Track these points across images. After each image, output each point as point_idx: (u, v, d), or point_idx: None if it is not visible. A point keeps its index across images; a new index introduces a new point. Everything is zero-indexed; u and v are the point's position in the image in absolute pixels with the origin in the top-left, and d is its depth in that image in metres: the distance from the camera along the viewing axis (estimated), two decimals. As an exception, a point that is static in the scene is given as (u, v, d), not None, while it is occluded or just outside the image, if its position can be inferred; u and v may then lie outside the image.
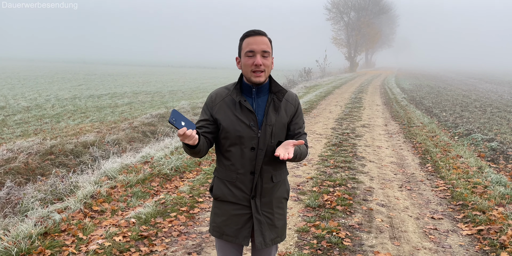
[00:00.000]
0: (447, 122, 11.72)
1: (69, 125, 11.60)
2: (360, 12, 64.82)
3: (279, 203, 2.15)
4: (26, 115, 13.06)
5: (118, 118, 12.91)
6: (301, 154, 2.04)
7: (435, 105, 16.31)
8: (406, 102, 16.89)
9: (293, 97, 2.15)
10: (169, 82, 31.33)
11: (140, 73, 43.53)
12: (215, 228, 2.13)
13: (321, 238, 3.72)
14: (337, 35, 65.36)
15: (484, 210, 4.48)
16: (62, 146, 8.67)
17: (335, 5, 63.23)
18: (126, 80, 32.18)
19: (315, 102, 15.47)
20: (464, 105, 16.36)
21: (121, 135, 10.38)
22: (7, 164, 7.33)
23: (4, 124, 11.49)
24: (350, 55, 63.49)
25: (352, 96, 18.74)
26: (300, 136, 2.12)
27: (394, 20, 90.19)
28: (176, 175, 5.61)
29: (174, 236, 3.75)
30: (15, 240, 3.40)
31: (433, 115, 13.39)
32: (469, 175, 5.87)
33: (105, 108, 15.41)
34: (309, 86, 24.70)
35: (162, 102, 17.56)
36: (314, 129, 9.69)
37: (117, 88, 24.23)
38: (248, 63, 1.95)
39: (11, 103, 15.84)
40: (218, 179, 2.11)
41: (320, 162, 6.57)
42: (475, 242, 3.80)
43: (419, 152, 7.51)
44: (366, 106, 14.97)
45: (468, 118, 12.62)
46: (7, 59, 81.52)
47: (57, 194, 5.13)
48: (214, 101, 2.05)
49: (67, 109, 14.70)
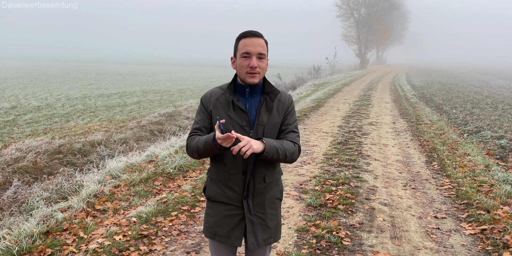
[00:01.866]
0: (456, 120, 11.58)
1: (78, 124, 11.73)
2: (371, 8, 64.28)
3: (272, 203, 2.14)
4: (37, 115, 13.23)
5: (126, 117, 13.01)
6: (285, 150, 1.96)
7: (446, 102, 16.11)
8: (416, 99, 16.71)
9: (286, 96, 2.14)
10: (179, 81, 31.47)
11: (150, 72, 43.80)
12: (208, 228, 2.13)
13: (320, 238, 3.71)
14: (347, 31, 64.98)
15: (488, 209, 4.41)
16: (70, 145, 8.76)
17: (345, 1, 62.84)
18: (136, 79, 32.41)
19: (323, 100, 15.39)
20: (475, 102, 16.13)
21: (129, 134, 10.46)
22: (16, 163, 7.43)
23: (15, 124, 11.66)
24: (360, 52, 63.04)
25: (361, 94, 18.60)
26: (288, 133, 2.07)
27: (406, 16, 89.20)
28: (180, 174, 5.63)
29: (174, 235, 3.77)
30: (17, 239, 3.46)
31: (443, 112, 13.23)
32: (476, 174, 5.79)
33: (114, 107, 15.55)
34: (318, 83, 24.59)
35: (170, 101, 17.65)
36: (320, 127, 9.64)
37: (127, 87, 24.42)
38: (243, 64, 1.95)
39: (22, 102, 16.07)
40: (211, 180, 2.11)
41: (325, 160, 6.53)
42: (477, 242, 3.75)
43: (426, 150, 7.42)
44: (374, 103, 14.85)
45: (479, 115, 12.44)
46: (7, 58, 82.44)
47: (62, 193, 5.19)
48: (209, 100, 2.06)
49: (76, 108, 14.86)
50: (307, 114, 11.71)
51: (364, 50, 63.48)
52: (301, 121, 10.42)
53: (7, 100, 16.58)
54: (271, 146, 1.90)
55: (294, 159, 2.04)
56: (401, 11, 77.58)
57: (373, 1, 64.14)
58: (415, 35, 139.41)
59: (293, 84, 22.20)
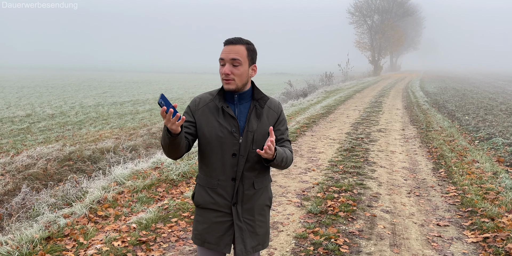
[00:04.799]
0: (468, 126, 11.41)
1: (89, 132, 11.92)
2: (384, 15, 64.02)
3: (261, 210, 2.15)
4: (50, 122, 13.49)
5: (137, 125, 13.17)
6: (287, 158, 2.04)
7: (459, 108, 15.90)
8: (428, 105, 16.53)
9: (276, 104, 2.16)
10: (191, 89, 31.75)
11: (164, 80, 44.29)
12: (197, 235, 2.14)
13: (318, 245, 3.69)
14: (360, 38, 64.71)
15: (493, 217, 4.33)
16: (81, 152, 8.91)
17: (358, 8, 62.68)
18: (149, 87, 32.81)
19: (333, 107, 15.34)
20: (488, 108, 15.87)
21: (139, 141, 10.58)
22: (26, 170, 7.59)
23: (29, 131, 11.90)
24: (374, 59, 62.70)
25: (372, 100, 18.49)
26: (283, 142, 2.13)
27: (420, 22, 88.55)
28: (183, 181, 5.67)
29: (172, 241, 3.80)
30: (18, 244, 3.52)
31: (455, 118, 13.05)
32: (483, 181, 5.69)
33: (126, 114, 15.75)
34: (330, 90, 24.53)
35: (182, 109, 17.80)
36: (328, 134, 9.61)
37: (140, 95, 24.73)
38: (220, 71, 1.99)
39: (37, 110, 16.41)
40: (200, 186, 2.13)
41: (329, 167, 6.51)
42: (479, 250, 3.68)
43: (434, 157, 7.33)
44: (385, 110, 14.74)
45: (491, 121, 12.24)
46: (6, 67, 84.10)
47: (67, 199, 5.28)
48: (197, 105, 2.07)
49: (89, 116, 15.10)
50: (316, 121, 11.68)
51: (377, 56, 63.13)
52: (309, 128, 10.40)
53: (23, 108, 16.95)
54: (280, 154, 1.99)
55: (289, 166, 2.13)
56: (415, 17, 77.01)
57: (386, 8, 63.88)
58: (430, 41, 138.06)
59: (304, 91, 22.18)
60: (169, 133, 1.82)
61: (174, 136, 1.83)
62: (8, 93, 24.74)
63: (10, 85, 31.66)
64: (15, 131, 11.95)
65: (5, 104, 18.68)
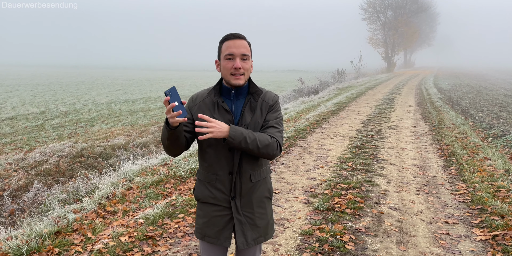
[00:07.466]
0: (482, 123, 11.23)
1: (101, 129, 12.06)
2: (398, 10, 63.30)
3: (260, 202, 2.15)
4: (63, 120, 13.69)
5: (149, 122, 13.28)
6: (256, 140, 1.92)
7: (473, 105, 15.66)
8: (441, 102, 16.31)
9: (271, 96, 2.13)
10: (203, 86, 31.85)
11: (176, 78, 44.55)
12: (197, 229, 2.16)
13: (323, 241, 3.68)
14: (373, 35, 64.13)
15: (503, 214, 4.27)
16: (92, 149, 9.02)
17: (371, 4, 62.09)
18: (162, 84, 33.02)
19: (344, 104, 15.24)
20: (503, 105, 15.59)
21: (150, 138, 10.67)
22: (39, 166, 7.72)
23: (42, 128, 12.09)
24: (387, 55, 62.08)
25: (384, 97, 18.31)
26: (267, 128, 2.06)
27: (434, 18, 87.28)
28: (191, 177, 5.71)
29: (179, 237, 3.83)
30: (28, 239, 3.59)
31: (468, 115, 12.86)
32: (494, 178, 5.60)
33: (138, 112, 15.89)
34: (342, 87, 24.37)
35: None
36: (338, 131, 9.56)
37: (152, 93, 24.90)
38: (227, 66, 1.98)
39: (51, 108, 16.65)
40: (199, 181, 2.15)
41: (338, 164, 6.47)
42: (487, 248, 3.63)
43: (445, 154, 7.24)
44: (397, 107, 14.59)
45: (506, 118, 12.03)
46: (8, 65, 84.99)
47: (77, 195, 5.36)
48: (194, 101, 2.10)
49: (102, 113, 15.28)
50: (326, 118, 11.63)
51: (390, 53, 62.48)
52: (319, 125, 10.36)
53: (37, 106, 17.22)
54: (236, 132, 1.88)
55: (270, 152, 1.98)
56: (429, 13, 75.96)
57: (400, 4, 63.14)
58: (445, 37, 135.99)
59: (315, 88, 22.05)
60: (168, 125, 1.85)
61: (172, 128, 1.86)
62: (23, 90, 25.15)
63: (25, 83, 32.18)
64: (29, 128, 12.16)
65: (20, 101, 19.00)
